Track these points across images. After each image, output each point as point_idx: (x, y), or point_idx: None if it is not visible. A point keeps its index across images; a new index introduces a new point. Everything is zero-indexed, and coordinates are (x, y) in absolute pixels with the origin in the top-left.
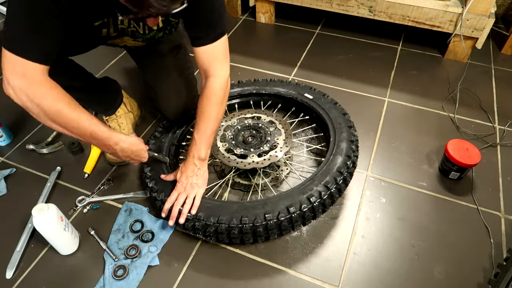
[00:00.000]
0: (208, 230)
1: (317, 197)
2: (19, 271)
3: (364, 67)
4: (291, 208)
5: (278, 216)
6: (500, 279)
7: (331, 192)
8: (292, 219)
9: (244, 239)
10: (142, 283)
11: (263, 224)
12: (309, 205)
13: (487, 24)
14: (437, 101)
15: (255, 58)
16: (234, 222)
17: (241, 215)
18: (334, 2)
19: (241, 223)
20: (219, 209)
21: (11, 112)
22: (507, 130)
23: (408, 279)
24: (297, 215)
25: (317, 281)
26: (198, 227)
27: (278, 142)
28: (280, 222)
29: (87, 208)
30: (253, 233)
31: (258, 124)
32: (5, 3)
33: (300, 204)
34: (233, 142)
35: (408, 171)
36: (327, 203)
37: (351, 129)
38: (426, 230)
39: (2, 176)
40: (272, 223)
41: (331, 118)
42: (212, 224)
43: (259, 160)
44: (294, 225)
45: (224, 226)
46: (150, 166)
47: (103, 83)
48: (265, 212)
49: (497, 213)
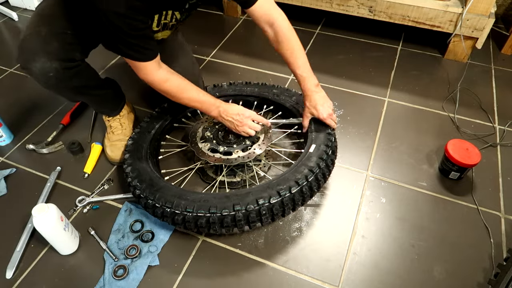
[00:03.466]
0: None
1: (309, 174)
2: (19, 271)
3: (364, 67)
4: (292, 187)
5: (270, 199)
6: (500, 279)
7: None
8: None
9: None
10: (142, 283)
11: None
12: (299, 187)
13: (487, 24)
14: (437, 101)
15: (255, 58)
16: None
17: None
18: (334, 2)
19: (246, 209)
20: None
21: (11, 112)
22: (507, 130)
23: (408, 279)
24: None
25: (317, 281)
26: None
27: (258, 134)
28: (280, 201)
29: (87, 208)
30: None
31: None
32: (5, 3)
33: (290, 187)
34: (214, 141)
35: (408, 171)
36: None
37: None
38: (426, 230)
39: (2, 176)
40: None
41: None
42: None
43: (244, 155)
44: (295, 206)
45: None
46: (130, 166)
47: (110, 84)
48: (257, 197)
49: (497, 213)
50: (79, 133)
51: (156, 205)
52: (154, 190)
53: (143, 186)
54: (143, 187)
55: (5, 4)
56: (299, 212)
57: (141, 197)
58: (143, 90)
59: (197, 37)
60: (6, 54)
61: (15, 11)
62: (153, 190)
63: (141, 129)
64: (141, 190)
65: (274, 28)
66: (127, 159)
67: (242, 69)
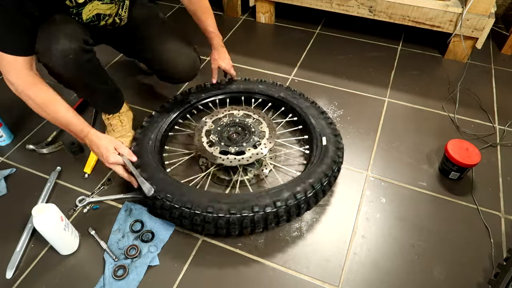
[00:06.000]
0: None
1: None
2: (19, 271)
3: (364, 67)
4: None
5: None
6: (500, 279)
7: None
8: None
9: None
10: (142, 283)
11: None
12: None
13: (487, 24)
14: (437, 101)
15: (255, 58)
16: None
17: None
18: (334, 2)
19: (275, 207)
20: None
21: (11, 112)
22: (507, 130)
23: (408, 279)
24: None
25: (317, 281)
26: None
27: (262, 129)
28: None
29: (87, 208)
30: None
31: (236, 120)
32: None
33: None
34: (222, 143)
35: (408, 171)
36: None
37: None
38: (426, 230)
39: (2, 176)
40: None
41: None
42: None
43: (258, 151)
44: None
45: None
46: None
47: (113, 80)
48: (294, 192)
49: (497, 213)
50: None
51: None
52: (183, 197)
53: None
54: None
55: None
56: None
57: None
58: (141, 89)
59: (197, 37)
60: None
61: None
62: (184, 198)
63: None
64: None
65: None
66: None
67: (242, 69)
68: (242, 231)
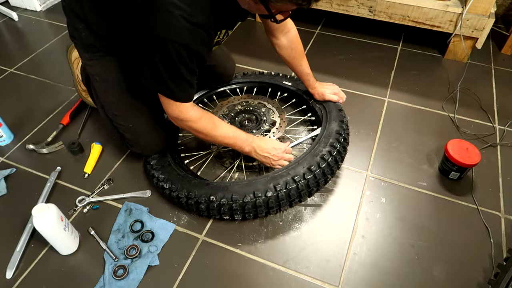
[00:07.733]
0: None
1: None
2: (19, 271)
3: (364, 67)
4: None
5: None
6: (500, 279)
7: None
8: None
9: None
10: (142, 283)
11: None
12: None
13: (487, 24)
14: (437, 101)
15: (255, 58)
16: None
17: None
18: (334, 2)
19: (295, 183)
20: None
21: (11, 112)
22: (507, 130)
23: (408, 279)
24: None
25: (317, 281)
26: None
27: (274, 118)
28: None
29: (87, 208)
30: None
31: (249, 108)
32: (5, 3)
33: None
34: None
35: (408, 171)
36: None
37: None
38: (426, 230)
39: (2, 176)
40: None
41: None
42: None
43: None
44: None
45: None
46: (155, 159)
47: None
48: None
49: (497, 213)
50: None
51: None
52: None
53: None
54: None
55: (5, 4)
56: (299, 212)
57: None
58: None
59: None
60: (6, 54)
61: (15, 11)
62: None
63: None
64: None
65: (288, 36)
66: (153, 165)
67: (243, 69)
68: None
